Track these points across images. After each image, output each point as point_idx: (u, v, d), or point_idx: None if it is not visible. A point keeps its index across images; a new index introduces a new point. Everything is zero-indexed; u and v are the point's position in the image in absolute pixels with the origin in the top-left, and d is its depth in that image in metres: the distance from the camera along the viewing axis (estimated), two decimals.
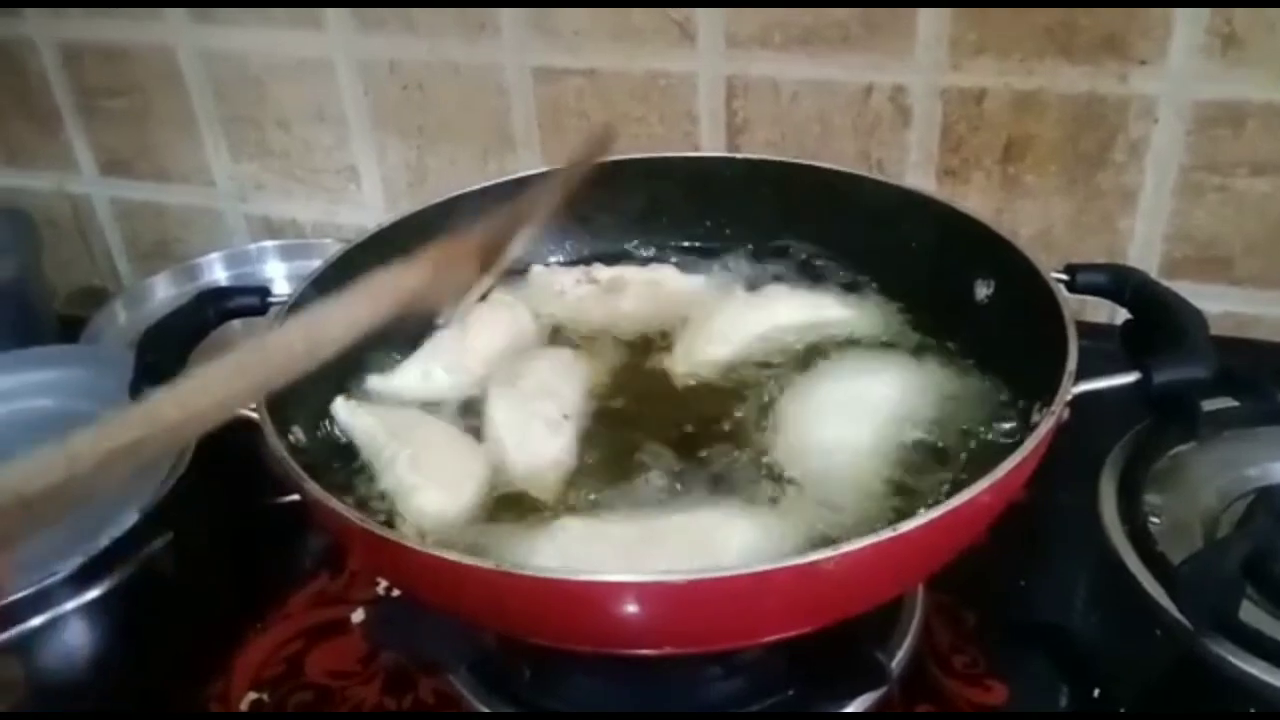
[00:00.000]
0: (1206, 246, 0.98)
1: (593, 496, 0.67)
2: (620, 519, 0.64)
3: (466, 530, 0.65)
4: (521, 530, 0.64)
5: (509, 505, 0.68)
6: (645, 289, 0.88)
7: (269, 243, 1.27)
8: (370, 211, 1.25)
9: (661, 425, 0.73)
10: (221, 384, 0.50)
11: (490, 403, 0.74)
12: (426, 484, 0.67)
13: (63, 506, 0.42)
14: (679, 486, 0.67)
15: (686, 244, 0.93)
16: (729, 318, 0.83)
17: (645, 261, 0.92)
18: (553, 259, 0.93)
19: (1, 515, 0.40)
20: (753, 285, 0.87)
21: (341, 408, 0.74)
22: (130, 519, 0.82)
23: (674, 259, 0.92)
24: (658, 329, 0.84)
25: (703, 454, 0.70)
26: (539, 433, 0.71)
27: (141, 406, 0.46)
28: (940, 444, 0.70)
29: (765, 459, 0.69)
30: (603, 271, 0.89)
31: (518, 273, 0.90)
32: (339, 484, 0.68)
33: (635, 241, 0.94)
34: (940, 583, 0.77)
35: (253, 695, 0.74)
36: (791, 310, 0.83)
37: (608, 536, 0.63)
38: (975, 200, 1.00)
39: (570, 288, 0.88)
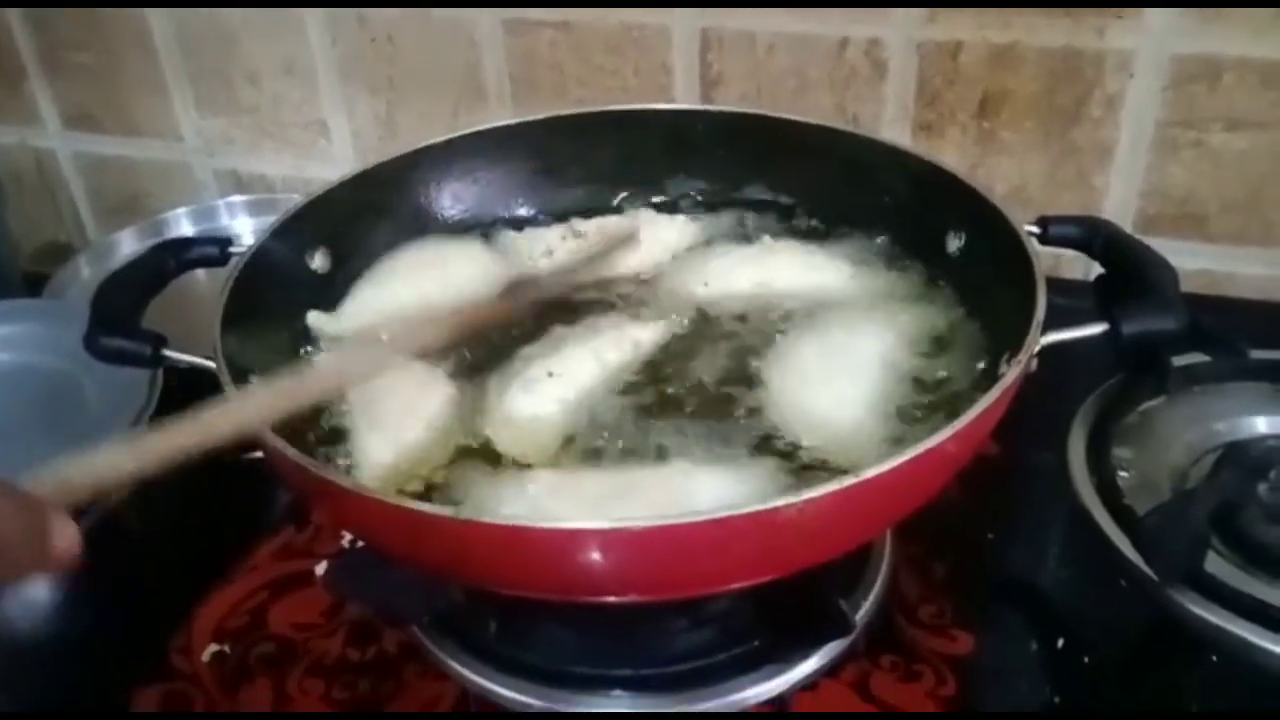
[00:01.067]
0: (1182, 203, 0.97)
1: (568, 451, 0.66)
2: (592, 472, 0.63)
3: (435, 477, 0.64)
4: (492, 479, 0.64)
5: (475, 455, 0.67)
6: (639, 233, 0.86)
7: (237, 198, 1.25)
8: (340, 166, 1.23)
9: (645, 381, 0.72)
10: (263, 402, 0.56)
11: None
12: (369, 428, 0.66)
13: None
14: (660, 441, 0.67)
15: (658, 199, 0.92)
16: (723, 264, 0.82)
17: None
18: (520, 210, 0.92)
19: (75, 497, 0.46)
20: (744, 237, 0.86)
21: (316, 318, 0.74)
22: None
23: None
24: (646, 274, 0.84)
25: (686, 409, 0.69)
26: (519, 389, 0.70)
27: (201, 416, 0.52)
28: (921, 395, 0.69)
29: (744, 412, 0.69)
30: (586, 224, 0.88)
31: (492, 238, 0.89)
32: (300, 434, 0.67)
33: (605, 195, 0.92)
34: (909, 534, 0.77)
35: (214, 647, 0.73)
36: (790, 271, 0.81)
37: (579, 488, 0.62)
38: (951, 155, 0.99)
39: (558, 245, 0.86)
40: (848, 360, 0.72)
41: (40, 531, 0.44)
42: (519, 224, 0.91)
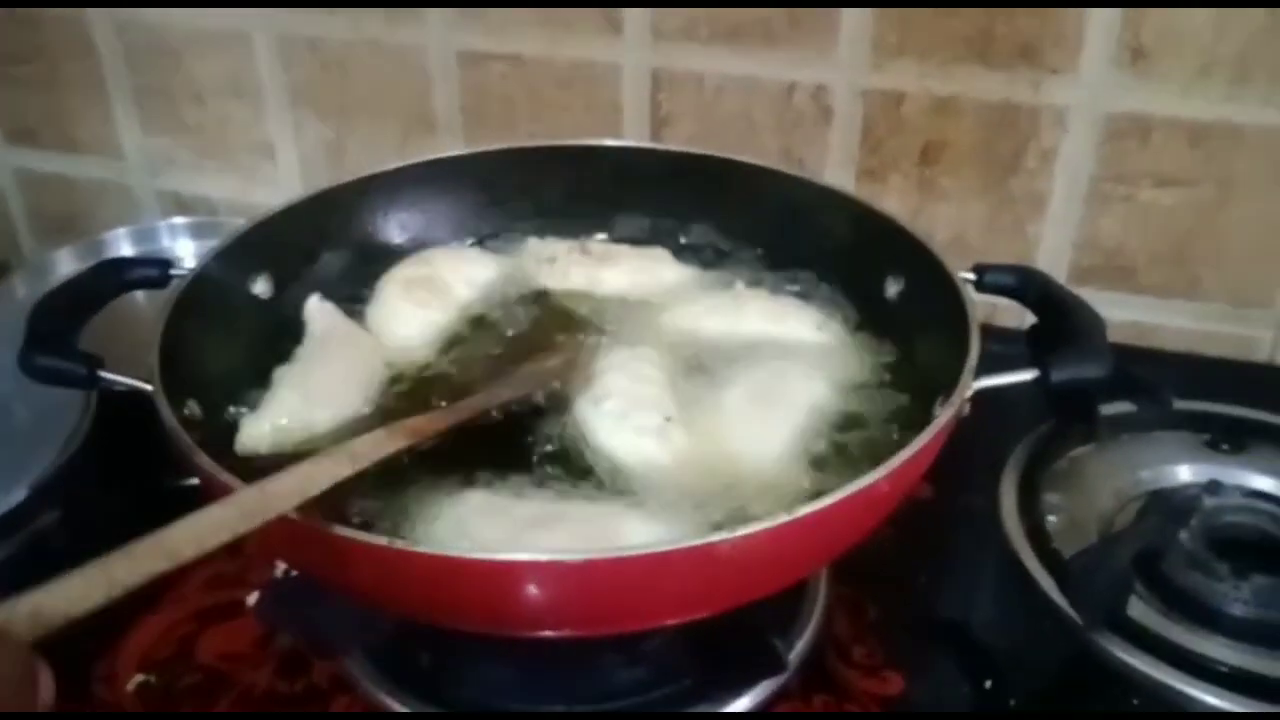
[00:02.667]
0: (1113, 255, 1.01)
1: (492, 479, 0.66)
2: (521, 499, 0.63)
3: (368, 489, 0.63)
4: (423, 495, 0.64)
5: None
6: (636, 264, 0.87)
7: (179, 219, 1.23)
8: (285, 191, 1.22)
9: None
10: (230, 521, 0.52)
11: None
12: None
13: None
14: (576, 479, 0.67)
15: (601, 235, 0.93)
16: (694, 310, 0.83)
17: None
18: (467, 241, 0.92)
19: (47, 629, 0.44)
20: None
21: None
22: (19, 495, 0.80)
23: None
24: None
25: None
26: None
27: (171, 535, 0.50)
28: (852, 435, 0.70)
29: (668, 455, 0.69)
30: (597, 246, 0.89)
31: (513, 241, 0.91)
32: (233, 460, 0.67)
33: (552, 229, 0.93)
34: (844, 575, 0.78)
35: (140, 677, 0.72)
36: (760, 320, 0.82)
37: (508, 512, 0.62)
38: (893, 201, 1.02)
39: (562, 255, 0.88)
40: (774, 402, 0.72)
41: (27, 680, 0.41)
42: None
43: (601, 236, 0.93)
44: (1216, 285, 1.00)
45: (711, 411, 0.72)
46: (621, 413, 0.70)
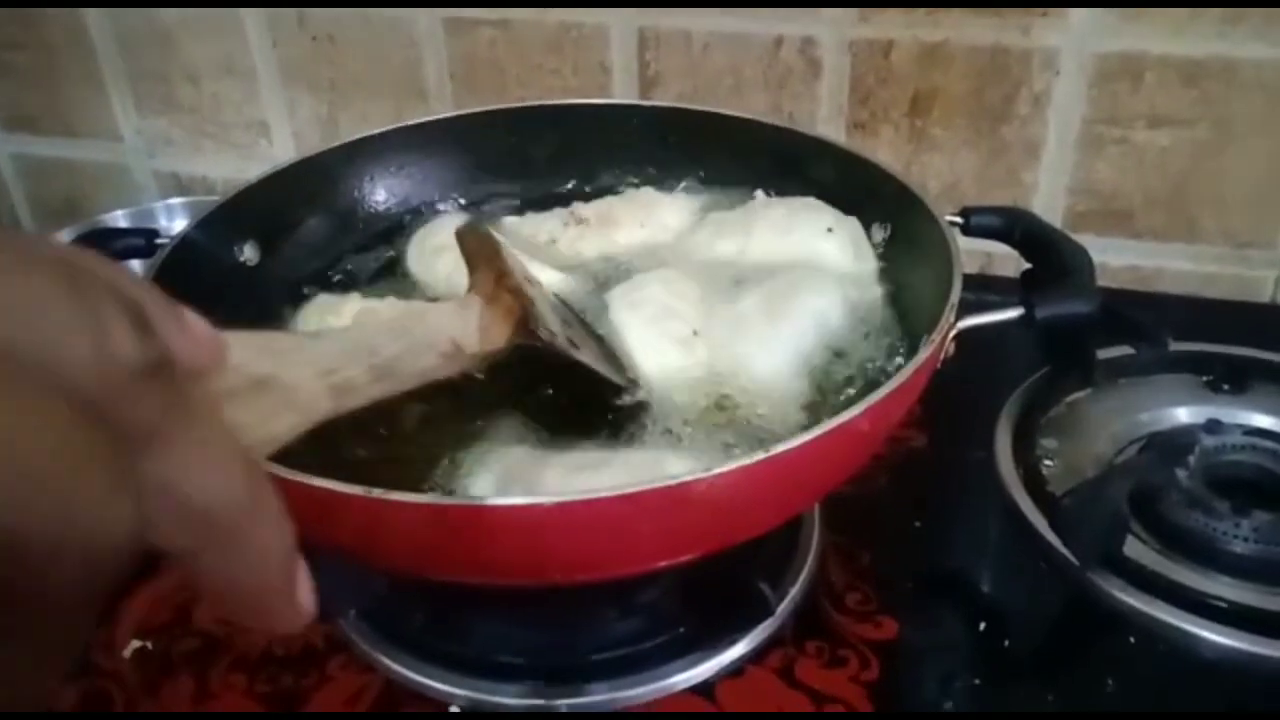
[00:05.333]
0: (1109, 199, 0.99)
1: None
2: (565, 450, 0.63)
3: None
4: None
5: None
6: (638, 214, 0.86)
7: (176, 200, 1.24)
8: None
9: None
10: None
11: None
12: None
13: None
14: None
15: (589, 189, 0.92)
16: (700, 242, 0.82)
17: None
18: (451, 201, 0.92)
19: None
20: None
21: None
22: None
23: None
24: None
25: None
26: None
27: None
28: (842, 375, 0.70)
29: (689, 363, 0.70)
30: (586, 209, 0.86)
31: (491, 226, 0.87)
32: None
33: (541, 189, 0.92)
34: (837, 524, 0.77)
35: (136, 643, 0.72)
36: (770, 234, 0.80)
37: (549, 462, 0.62)
38: (885, 153, 1.01)
39: (560, 233, 0.85)
40: (782, 311, 0.72)
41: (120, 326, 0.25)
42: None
43: (588, 189, 0.92)
44: (1216, 227, 0.98)
45: (727, 323, 0.73)
46: (654, 318, 0.72)
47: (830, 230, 0.78)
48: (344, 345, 0.49)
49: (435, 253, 0.82)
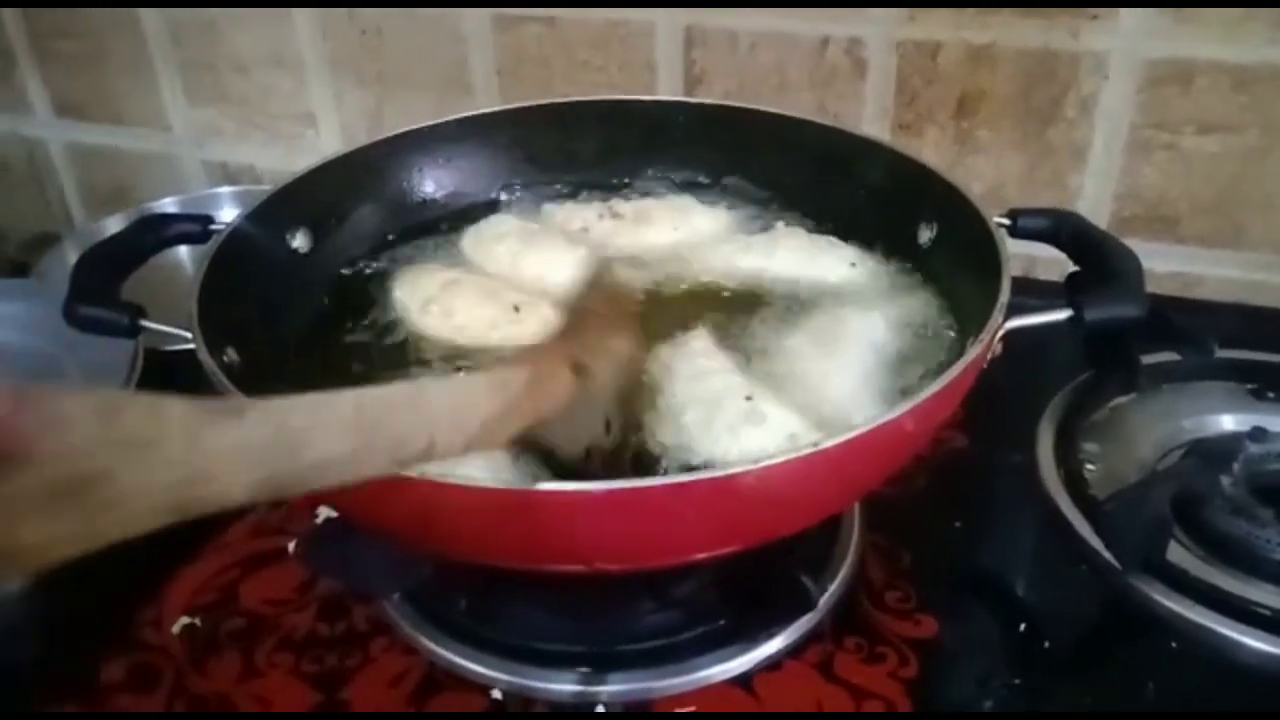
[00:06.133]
0: (1155, 205, 0.99)
1: None
2: None
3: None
4: None
5: None
6: (673, 218, 0.87)
7: (224, 189, 1.26)
8: None
9: None
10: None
11: None
12: None
13: None
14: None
15: (632, 183, 0.93)
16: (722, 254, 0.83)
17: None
18: (501, 195, 0.93)
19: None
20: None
21: None
22: None
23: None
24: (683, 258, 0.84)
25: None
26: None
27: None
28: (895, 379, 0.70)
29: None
30: (624, 205, 0.88)
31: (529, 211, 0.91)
32: None
33: (586, 183, 0.93)
34: (877, 523, 0.78)
35: (184, 620, 0.74)
36: (793, 258, 0.82)
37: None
38: (929, 155, 1.00)
39: (594, 223, 0.87)
40: (839, 346, 0.72)
41: None
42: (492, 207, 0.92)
43: (628, 196, 0.92)
44: (1263, 234, 0.97)
45: (781, 362, 0.72)
46: (705, 420, 0.65)
47: (854, 265, 0.80)
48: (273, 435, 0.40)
49: (497, 239, 0.85)
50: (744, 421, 0.64)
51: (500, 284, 0.80)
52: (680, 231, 0.86)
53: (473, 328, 0.76)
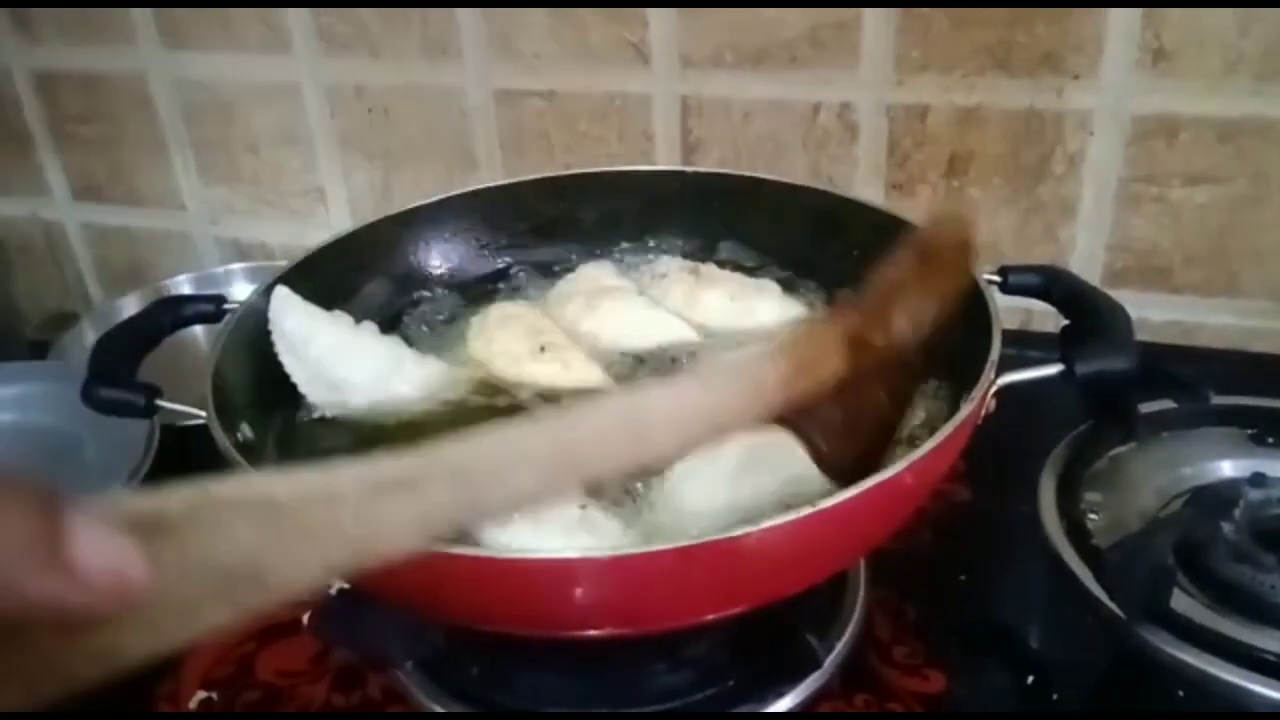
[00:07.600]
0: (1146, 256, 1.01)
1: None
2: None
3: None
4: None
5: None
6: (733, 290, 0.87)
7: (237, 265, 1.29)
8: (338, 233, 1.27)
9: None
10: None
11: None
12: None
13: None
14: None
15: (637, 250, 0.95)
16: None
17: None
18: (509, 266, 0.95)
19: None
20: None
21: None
22: None
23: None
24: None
25: None
26: None
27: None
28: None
29: None
30: (707, 268, 0.89)
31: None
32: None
33: (590, 251, 0.95)
34: (883, 579, 0.78)
35: (202, 694, 0.75)
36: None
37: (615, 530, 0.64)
38: (922, 213, 1.02)
39: (674, 272, 0.89)
40: None
41: (48, 537, 0.30)
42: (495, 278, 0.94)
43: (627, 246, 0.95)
44: (1257, 281, 0.99)
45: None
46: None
47: None
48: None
49: (500, 323, 0.85)
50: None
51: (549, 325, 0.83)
52: (735, 306, 0.86)
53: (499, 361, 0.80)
